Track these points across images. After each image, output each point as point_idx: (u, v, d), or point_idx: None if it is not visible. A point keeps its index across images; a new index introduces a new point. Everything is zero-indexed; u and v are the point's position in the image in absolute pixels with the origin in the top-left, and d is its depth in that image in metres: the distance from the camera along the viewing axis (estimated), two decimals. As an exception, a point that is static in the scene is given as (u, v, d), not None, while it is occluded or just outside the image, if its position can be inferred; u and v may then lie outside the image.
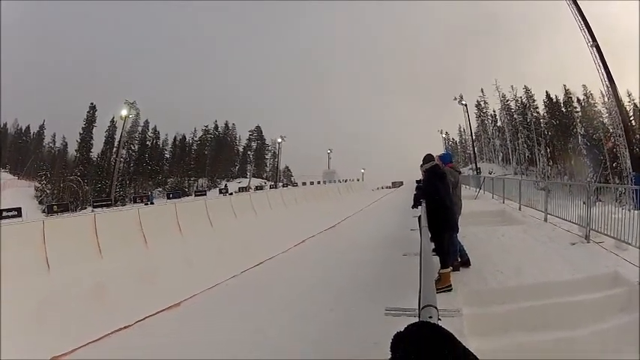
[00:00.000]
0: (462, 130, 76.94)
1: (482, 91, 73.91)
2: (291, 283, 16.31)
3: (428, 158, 10.25)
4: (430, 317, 2.96)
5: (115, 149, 63.74)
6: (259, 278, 18.23)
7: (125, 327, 13.90)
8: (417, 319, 2.67)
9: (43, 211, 38.79)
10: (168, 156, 70.38)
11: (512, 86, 70.83)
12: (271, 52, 79.52)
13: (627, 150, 53.78)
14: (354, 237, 24.53)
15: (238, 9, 73.59)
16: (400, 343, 1.29)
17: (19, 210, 25.98)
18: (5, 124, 66.21)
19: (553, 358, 7.46)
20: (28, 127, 67.17)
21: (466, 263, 10.73)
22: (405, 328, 1.34)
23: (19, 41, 61.36)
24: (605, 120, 63.16)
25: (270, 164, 75.08)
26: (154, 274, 19.90)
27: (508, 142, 71.05)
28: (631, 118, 59.32)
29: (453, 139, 79.07)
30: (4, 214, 24.97)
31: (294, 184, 64.09)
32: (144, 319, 14.46)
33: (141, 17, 76.14)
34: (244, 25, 78.03)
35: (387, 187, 72.95)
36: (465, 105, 70.41)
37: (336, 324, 10.68)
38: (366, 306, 11.03)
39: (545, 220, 16.76)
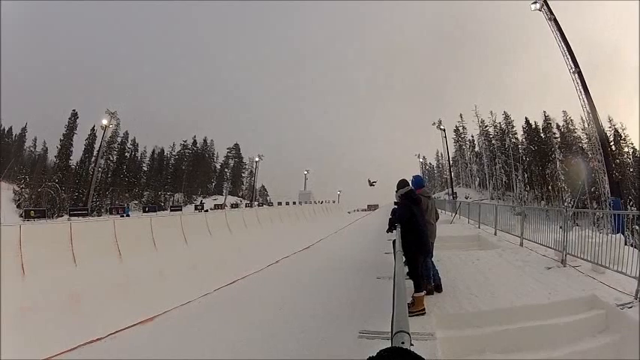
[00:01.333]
0: (440, 154, 78.38)
1: (461, 117, 75.52)
2: (264, 302, 16.31)
3: (403, 183, 10.48)
4: (402, 343, 3.02)
5: (93, 158, 63.42)
6: (232, 296, 18.08)
7: (98, 339, 13.83)
8: (389, 343, 3.07)
9: (21, 216, 38.51)
10: (145, 169, 70.26)
11: (491, 112, 72.48)
12: (254, 66, 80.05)
13: (606, 175, 54.55)
14: (329, 258, 24.52)
15: (220, 19, 73.86)
16: None
17: None
18: None
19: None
20: (10, 129, 66.71)
21: (438, 288, 10.92)
22: (377, 353, 1.46)
23: (7, 41, 61.28)
24: (585, 146, 64.43)
25: (246, 182, 75.08)
26: (128, 287, 20.04)
27: (485, 167, 72.13)
28: (611, 144, 60.62)
29: (430, 163, 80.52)
30: None
31: (270, 204, 64.16)
32: (116, 332, 14.40)
33: (129, 24, 76.18)
34: (227, 40, 78.39)
35: (362, 210, 73.26)
36: (444, 130, 71.45)
37: (309, 345, 10.56)
38: (340, 328, 11.07)
39: (521, 244, 17.20)
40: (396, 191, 10.55)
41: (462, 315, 9.40)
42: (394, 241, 10.80)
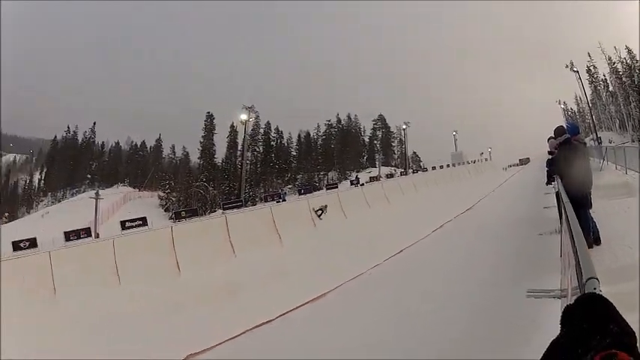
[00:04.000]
0: (579, 98, 72.20)
1: (590, 56, 68.82)
2: (432, 269, 16.07)
3: (560, 131, 9.62)
4: (595, 289, 2.63)
5: (239, 152, 65.39)
6: (401, 266, 17.91)
7: (267, 322, 14.16)
8: (558, 301, 3.35)
9: (170, 218, 40.12)
10: (294, 153, 71.24)
11: (615, 47, 65.39)
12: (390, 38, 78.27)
13: None
14: (489, 219, 23.50)
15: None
16: (571, 316, 1.23)
17: (143, 219, 26.70)
18: (117, 142, 71.05)
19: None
20: (143, 142, 70.69)
21: (597, 240, 9.86)
22: (575, 300, 1.31)
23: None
24: None
25: (397, 151, 74.25)
26: (291, 269, 20.10)
27: (622, 107, 66.05)
28: None
29: (571, 108, 74.42)
30: (129, 224, 25.78)
31: (424, 170, 62.82)
32: (286, 312, 14.62)
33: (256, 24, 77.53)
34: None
35: (515, 165, 70.08)
36: (577, 72, 65.83)
37: (478, 309, 10.31)
38: (507, 288, 10.56)
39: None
40: (553, 138, 10.07)
41: (624, 268, 8.18)
42: (557, 193, 10.51)
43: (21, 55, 65.82)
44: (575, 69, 65.62)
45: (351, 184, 47.88)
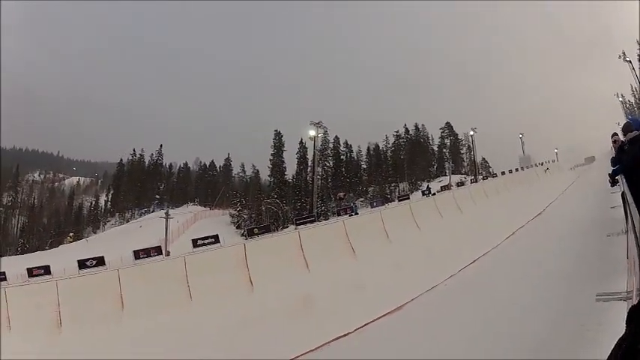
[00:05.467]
0: (634, 89, 68.60)
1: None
2: (507, 278, 15.83)
3: (628, 127, 8.83)
4: None
5: (309, 167, 65.97)
6: (476, 275, 17.87)
7: (345, 334, 14.23)
8: (626, 305, 2.68)
9: (242, 235, 40.79)
10: (364, 166, 71.33)
11: None
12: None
13: None
14: (559, 222, 23.21)
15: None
16: (636, 316, 1.29)
17: (215, 237, 27.01)
18: (186, 163, 73.35)
19: None
20: (212, 162, 72.58)
21: None
22: (639, 301, 1.44)
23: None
24: None
25: (466, 158, 73.26)
26: (366, 282, 19.79)
27: None
28: None
29: (628, 101, 70.83)
30: (201, 242, 26.22)
31: (494, 175, 61.75)
32: (363, 325, 14.61)
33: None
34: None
35: (581, 165, 67.83)
36: (630, 61, 62.76)
37: (547, 315, 10.21)
38: (576, 291, 10.42)
39: None
40: (617, 135, 9.61)
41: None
42: (622, 194, 9.66)
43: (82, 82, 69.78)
44: (627, 59, 62.86)
45: (423, 194, 47.55)
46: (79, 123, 70.87)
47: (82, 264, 24.21)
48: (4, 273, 25.77)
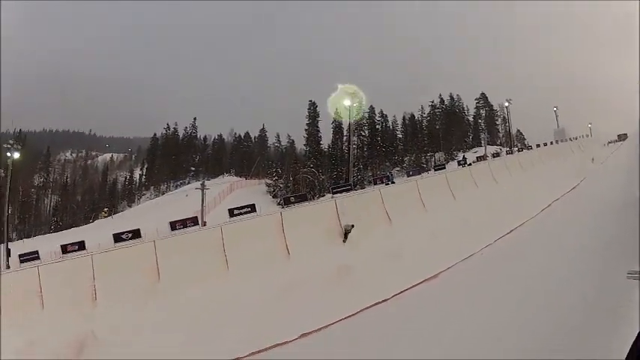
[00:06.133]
0: None
1: None
2: (544, 249, 15.88)
3: None
4: None
5: (345, 137, 65.65)
6: (512, 246, 17.91)
7: (382, 301, 14.40)
8: None
9: (279, 204, 41.02)
10: (400, 136, 70.89)
11: None
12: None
13: None
14: (593, 197, 23.08)
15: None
16: None
17: (252, 206, 27.20)
18: (220, 135, 73.17)
19: None
20: (247, 133, 72.74)
21: None
22: None
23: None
24: None
25: (502, 129, 72.47)
26: (402, 251, 20.00)
27: None
28: None
29: None
30: (237, 211, 26.36)
31: (529, 147, 61.07)
32: (399, 292, 14.80)
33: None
34: None
35: (614, 141, 66.55)
36: None
37: (578, 289, 10.22)
38: (609, 268, 10.40)
39: None
40: None
41: None
42: None
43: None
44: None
45: (458, 164, 47.49)
46: (111, 102, 71.55)
47: (118, 237, 24.76)
48: (36, 252, 26.52)
